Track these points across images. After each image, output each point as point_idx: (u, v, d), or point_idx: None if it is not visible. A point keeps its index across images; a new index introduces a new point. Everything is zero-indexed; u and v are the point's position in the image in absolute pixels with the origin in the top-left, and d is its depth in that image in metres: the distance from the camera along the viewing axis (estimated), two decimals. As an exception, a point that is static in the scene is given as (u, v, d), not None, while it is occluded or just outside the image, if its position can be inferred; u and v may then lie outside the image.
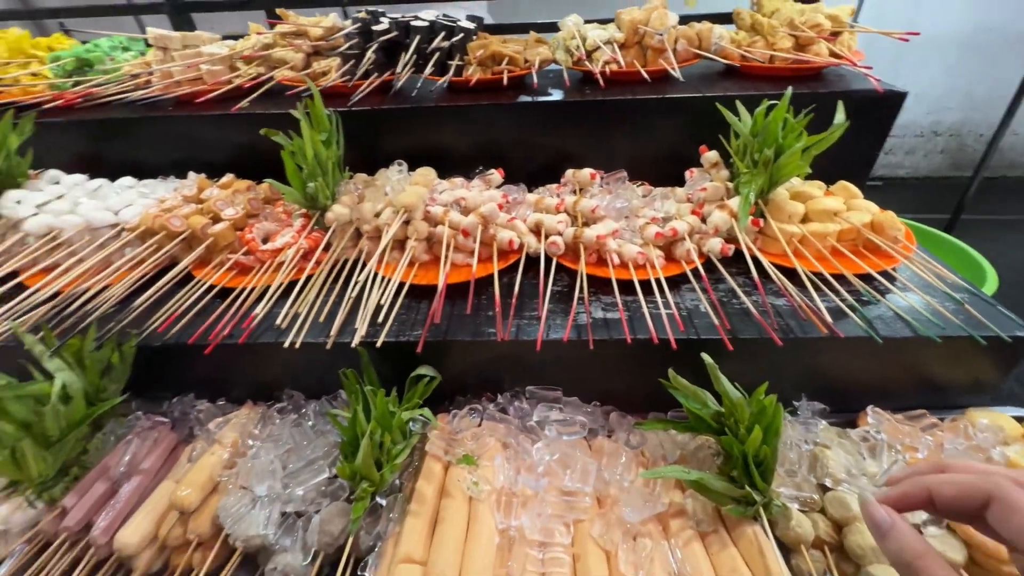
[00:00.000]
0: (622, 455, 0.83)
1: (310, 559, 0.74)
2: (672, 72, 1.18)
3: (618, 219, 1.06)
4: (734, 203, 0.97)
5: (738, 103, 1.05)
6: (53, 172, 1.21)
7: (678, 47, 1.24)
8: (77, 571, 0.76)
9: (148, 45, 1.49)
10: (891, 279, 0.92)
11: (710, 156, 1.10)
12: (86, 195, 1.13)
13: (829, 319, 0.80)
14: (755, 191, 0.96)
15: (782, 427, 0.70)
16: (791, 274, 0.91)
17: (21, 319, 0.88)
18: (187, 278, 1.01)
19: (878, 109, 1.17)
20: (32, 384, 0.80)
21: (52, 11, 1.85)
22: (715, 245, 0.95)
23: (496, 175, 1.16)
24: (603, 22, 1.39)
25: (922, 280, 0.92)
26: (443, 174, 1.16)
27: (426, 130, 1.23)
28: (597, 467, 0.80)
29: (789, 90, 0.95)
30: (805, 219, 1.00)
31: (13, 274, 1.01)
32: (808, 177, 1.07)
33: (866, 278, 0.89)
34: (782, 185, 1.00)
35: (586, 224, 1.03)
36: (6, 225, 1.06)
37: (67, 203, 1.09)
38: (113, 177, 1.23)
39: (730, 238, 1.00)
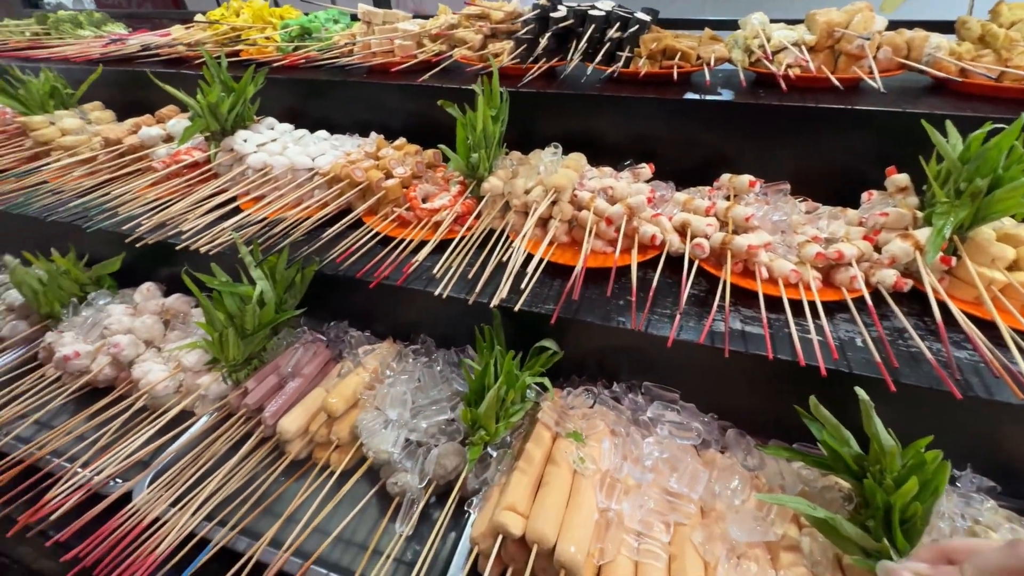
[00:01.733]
0: (736, 473, 0.79)
1: (424, 483, 0.83)
2: (870, 82, 1.06)
3: (773, 232, 0.99)
4: (922, 234, 0.86)
5: (949, 124, 0.91)
6: (270, 119, 1.45)
7: (879, 55, 1.11)
8: (249, 441, 0.93)
9: (353, 19, 1.72)
10: None
11: (898, 179, 0.98)
12: (292, 141, 1.35)
13: (1031, 384, 0.68)
14: (952, 225, 0.84)
15: (943, 489, 0.62)
16: (982, 326, 0.78)
17: (239, 233, 1.08)
18: (357, 222, 1.16)
19: None
20: (241, 286, 0.99)
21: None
22: (888, 277, 0.86)
23: (646, 169, 1.15)
24: (789, 23, 1.30)
25: None
26: (593, 161, 1.19)
27: (584, 117, 1.26)
28: (707, 477, 0.78)
29: (1025, 114, 0.81)
30: (1012, 266, 0.85)
31: (233, 198, 1.25)
32: (1026, 219, 0.91)
33: (1090, 348, 0.74)
34: (989, 223, 0.86)
35: (736, 232, 0.98)
36: (234, 157, 1.31)
37: (278, 146, 1.32)
38: (311, 128, 1.45)
39: (907, 272, 0.89)
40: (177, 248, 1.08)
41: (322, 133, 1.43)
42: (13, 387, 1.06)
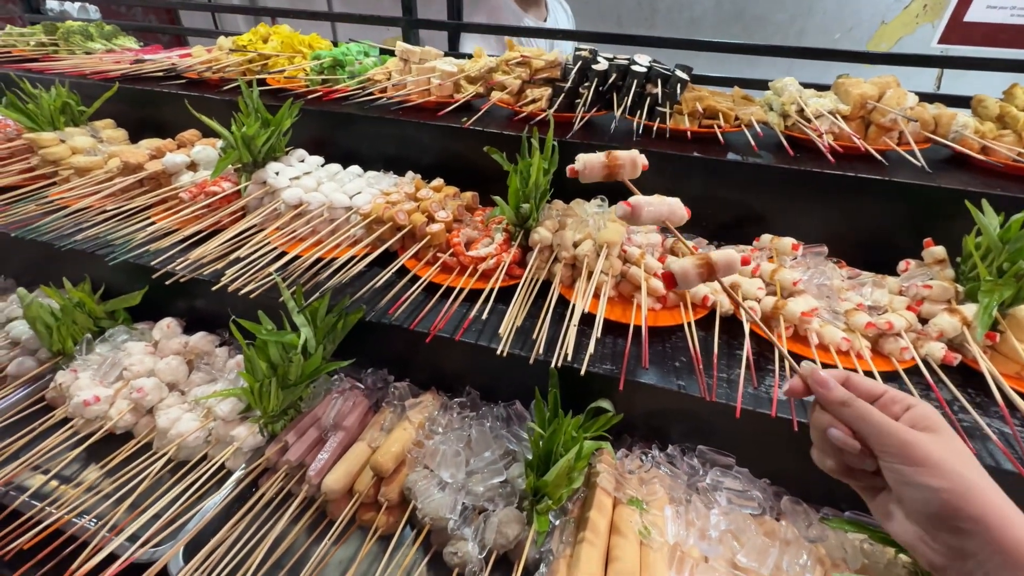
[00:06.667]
0: (803, 548, 0.79)
1: (484, 554, 0.80)
2: (906, 155, 1.11)
3: (818, 297, 1.02)
4: (969, 310, 0.90)
5: (985, 202, 0.96)
6: (300, 151, 1.42)
7: (909, 128, 1.17)
8: (290, 502, 0.88)
9: (382, 53, 1.71)
10: None
11: (936, 251, 1.03)
12: (327, 177, 1.32)
13: (1093, 470, 0.71)
14: (997, 303, 0.88)
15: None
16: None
17: (277, 273, 1.04)
18: (392, 262, 1.13)
19: None
20: (286, 333, 0.95)
21: (325, 15, 2.10)
22: (937, 351, 0.89)
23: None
24: (805, 85, 1.35)
25: None
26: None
27: (623, 169, 1.28)
28: (777, 551, 0.78)
29: (1067, 203, 0.86)
30: (1050, 344, 0.90)
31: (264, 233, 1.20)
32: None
33: None
34: (1028, 301, 0.90)
35: (782, 295, 1.00)
36: (266, 191, 1.27)
37: (312, 180, 1.29)
38: (338, 160, 1.42)
39: (951, 345, 0.92)
40: (214, 288, 1.03)
41: (355, 169, 1.40)
42: (21, 433, 0.98)
